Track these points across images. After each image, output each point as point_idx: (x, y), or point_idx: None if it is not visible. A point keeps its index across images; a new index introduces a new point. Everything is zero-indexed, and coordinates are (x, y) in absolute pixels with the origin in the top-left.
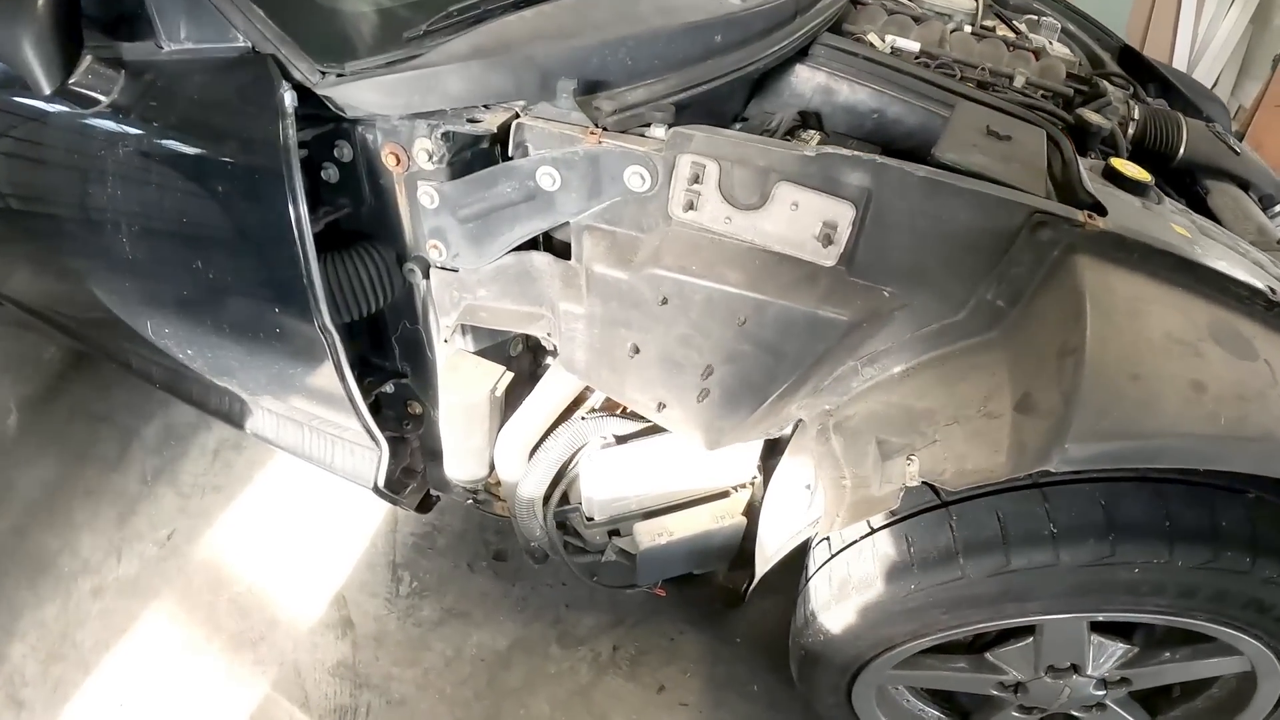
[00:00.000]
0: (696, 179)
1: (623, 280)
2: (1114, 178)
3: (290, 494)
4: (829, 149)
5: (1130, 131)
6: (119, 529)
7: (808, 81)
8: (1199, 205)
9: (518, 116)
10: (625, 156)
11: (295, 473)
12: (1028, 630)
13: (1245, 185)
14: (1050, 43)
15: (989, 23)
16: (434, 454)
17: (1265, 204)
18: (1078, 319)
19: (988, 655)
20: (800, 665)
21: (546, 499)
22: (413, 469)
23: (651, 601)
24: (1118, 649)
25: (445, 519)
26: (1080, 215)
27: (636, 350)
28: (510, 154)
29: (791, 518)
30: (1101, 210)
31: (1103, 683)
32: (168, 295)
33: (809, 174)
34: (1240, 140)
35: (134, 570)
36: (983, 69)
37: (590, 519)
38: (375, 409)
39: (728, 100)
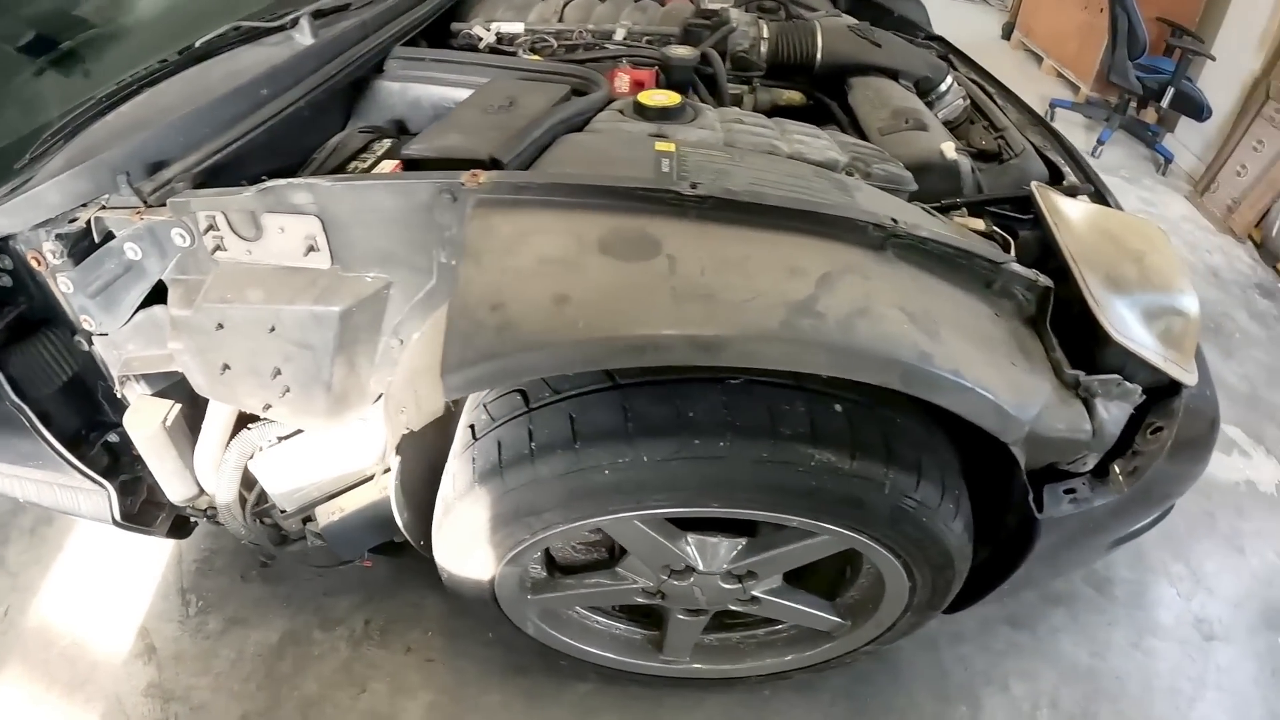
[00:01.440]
0: (212, 227)
1: (189, 317)
2: (641, 110)
3: (95, 550)
4: (270, 184)
5: (764, 50)
6: None
7: (391, 93)
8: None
9: (102, 209)
10: (166, 223)
11: (96, 532)
12: None
13: (894, 74)
14: None
15: None
16: None
17: (924, 86)
18: (459, 266)
19: (617, 568)
20: (459, 600)
21: (245, 502)
22: (160, 501)
23: (397, 574)
24: (724, 543)
25: (220, 541)
26: (464, 177)
27: (227, 367)
28: (101, 240)
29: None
30: (496, 165)
31: (733, 576)
32: None
33: (274, 203)
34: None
35: None
36: (582, 33)
37: (283, 512)
38: (114, 455)
39: (310, 130)
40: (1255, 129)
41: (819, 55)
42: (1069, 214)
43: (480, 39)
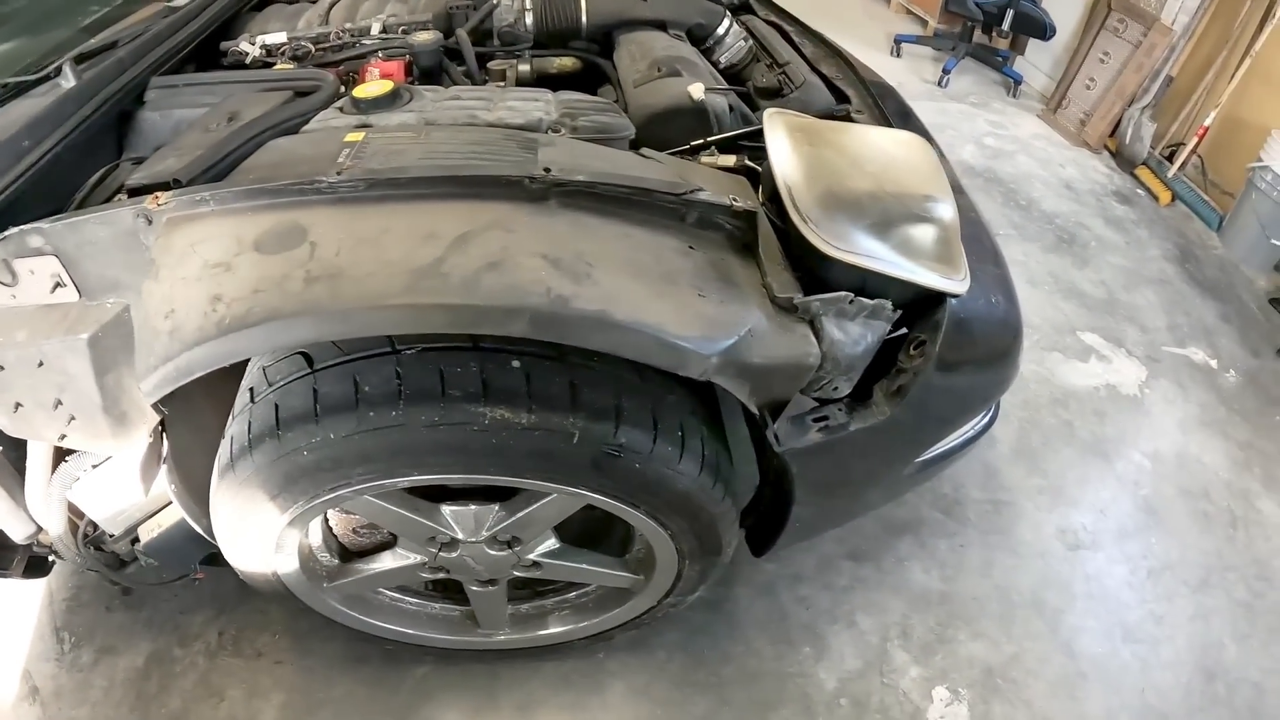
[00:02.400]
0: None
1: None
2: (356, 103)
3: None
4: (7, 232)
5: (529, 22)
6: None
7: (154, 123)
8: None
9: None
10: None
11: None
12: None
13: (663, 25)
14: None
15: None
16: None
17: (698, 33)
18: (144, 281)
19: (397, 548)
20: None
21: (79, 531)
22: (11, 544)
23: (243, 583)
24: (477, 511)
25: (86, 577)
26: (148, 200)
27: (19, 405)
28: None
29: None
30: (179, 184)
31: (498, 542)
32: None
33: (16, 249)
34: None
35: None
36: (339, 33)
37: (112, 535)
38: None
39: (80, 170)
40: (1100, 41)
41: (584, 18)
42: (800, 135)
43: (247, 54)
